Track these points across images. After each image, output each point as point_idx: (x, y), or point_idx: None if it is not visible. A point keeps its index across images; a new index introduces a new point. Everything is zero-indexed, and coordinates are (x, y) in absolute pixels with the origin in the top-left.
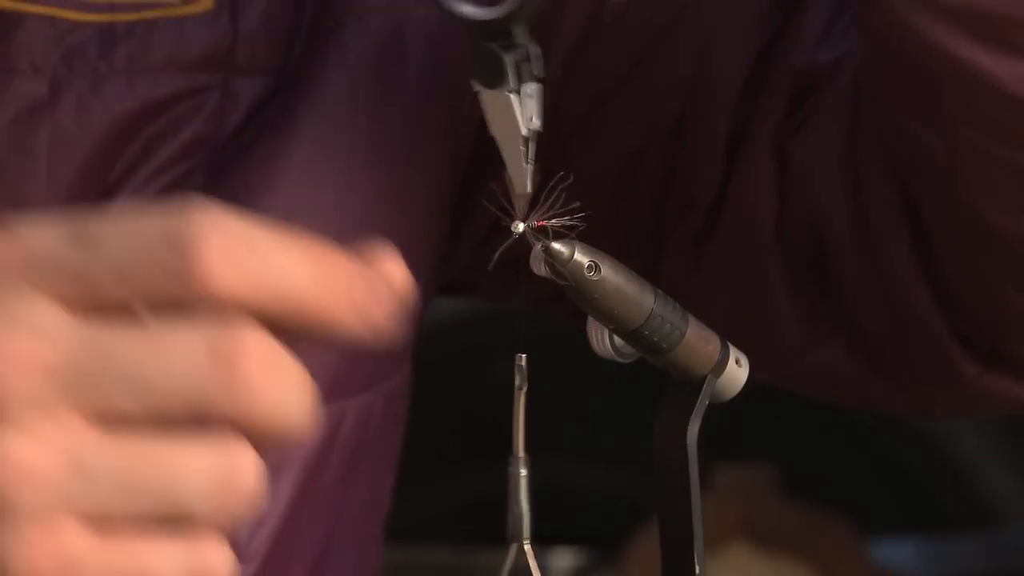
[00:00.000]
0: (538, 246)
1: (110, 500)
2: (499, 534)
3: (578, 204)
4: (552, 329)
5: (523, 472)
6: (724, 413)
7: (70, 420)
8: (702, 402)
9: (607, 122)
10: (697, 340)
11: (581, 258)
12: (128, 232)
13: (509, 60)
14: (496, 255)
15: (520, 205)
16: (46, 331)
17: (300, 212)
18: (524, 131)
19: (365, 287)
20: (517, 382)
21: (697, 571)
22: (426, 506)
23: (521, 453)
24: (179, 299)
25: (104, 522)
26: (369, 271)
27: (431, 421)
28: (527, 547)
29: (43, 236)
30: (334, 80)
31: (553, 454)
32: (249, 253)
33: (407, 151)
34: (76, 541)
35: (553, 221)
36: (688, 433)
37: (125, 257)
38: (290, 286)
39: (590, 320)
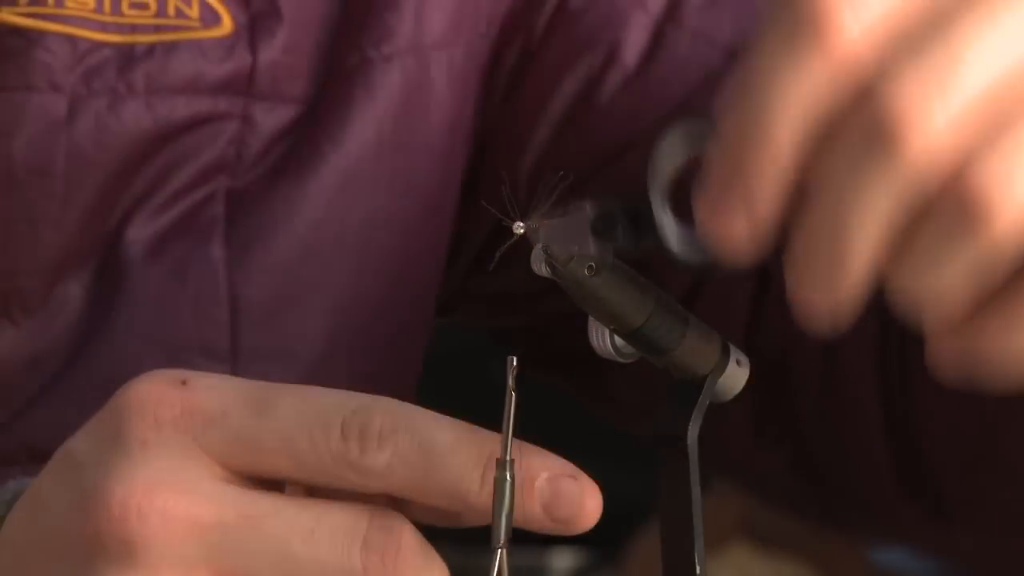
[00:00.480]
0: (538, 246)
1: None
2: None
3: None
4: None
5: (508, 478)
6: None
7: None
8: (702, 402)
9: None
10: (697, 340)
11: (581, 258)
12: (306, 408)
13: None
14: (497, 255)
15: None
16: (205, 491)
17: (322, 249)
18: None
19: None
20: (509, 383)
21: (697, 571)
22: None
23: (509, 457)
24: (341, 482)
25: None
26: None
27: None
28: (503, 553)
29: (222, 397)
30: (360, 119)
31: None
32: (412, 445)
33: (428, 190)
34: None
35: (552, 221)
36: (688, 433)
37: (298, 434)
38: (450, 481)
39: (590, 320)
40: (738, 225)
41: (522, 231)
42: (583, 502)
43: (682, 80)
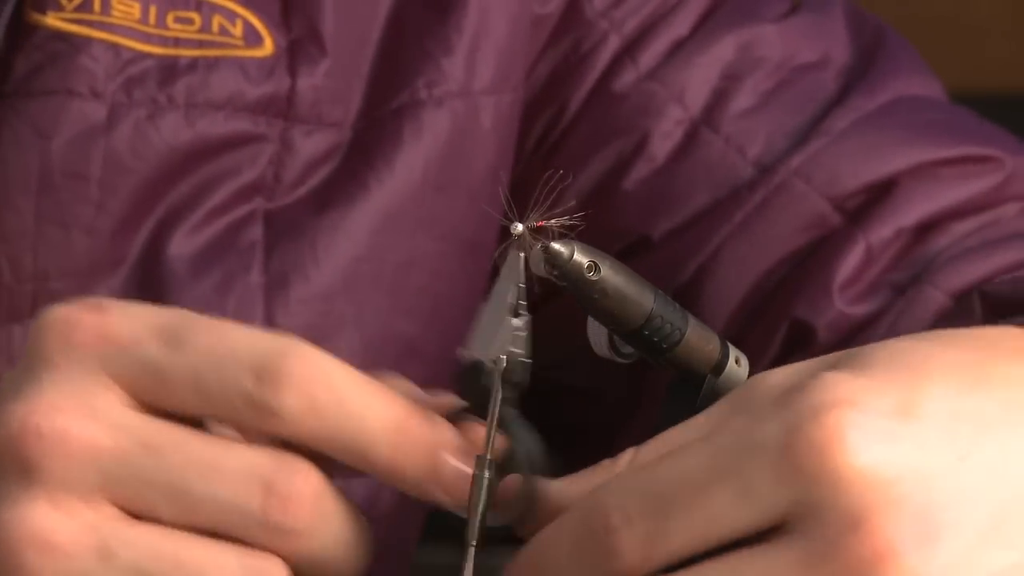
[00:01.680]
0: (538, 246)
1: None
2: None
3: (577, 204)
4: None
5: (486, 476)
6: None
7: (104, 507)
8: (702, 402)
9: None
10: (697, 340)
11: (581, 258)
12: (219, 345)
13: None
14: (496, 254)
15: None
16: (107, 417)
17: (359, 285)
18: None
19: (430, 449)
20: (495, 383)
21: None
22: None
23: (489, 456)
24: (248, 424)
25: None
26: (435, 431)
27: None
28: (471, 551)
29: (133, 324)
30: (407, 158)
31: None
32: (331, 403)
33: (467, 233)
34: None
35: (553, 221)
36: None
37: (209, 371)
38: (361, 441)
39: (590, 320)
40: None
41: (520, 231)
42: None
43: (708, 184)
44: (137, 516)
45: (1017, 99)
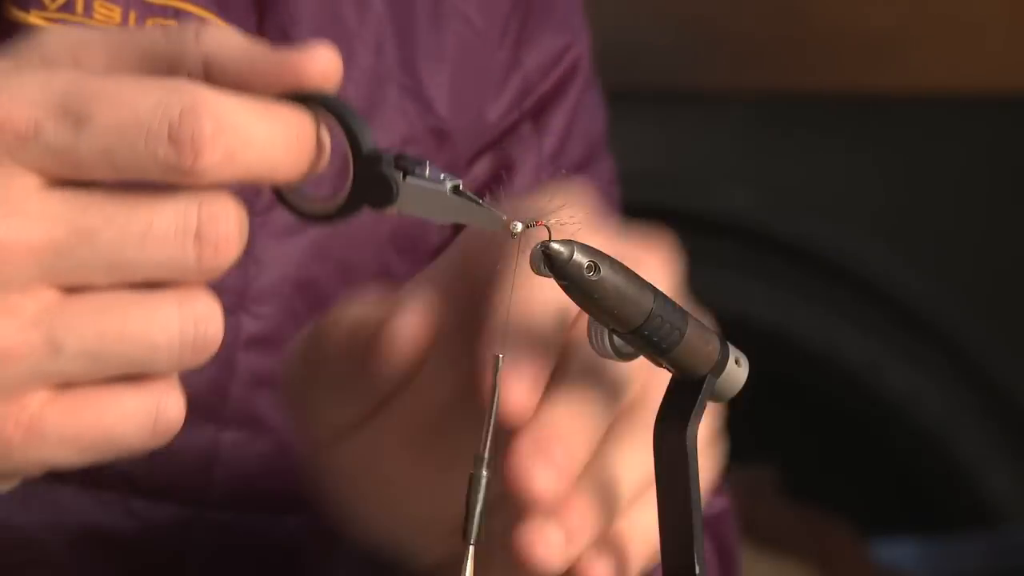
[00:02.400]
0: (538, 245)
1: (80, 370)
2: None
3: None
4: None
5: (484, 474)
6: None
7: (45, 294)
8: (702, 402)
9: None
10: (697, 340)
11: (580, 258)
12: (125, 116)
13: (387, 167)
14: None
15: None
16: (30, 211)
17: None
18: (448, 188)
19: (314, 144)
20: (494, 380)
21: (697, 571)
22: None
23: (486, 455)
24: (165, 182)
25: (70, 385)
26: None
27: None
28: (471, 550)
29: (30, 109)
30: None
31: None
32: (241, 147)
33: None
34: (42, 408)
35: (552, 221)
36: (688, 433)
37: (120, 145)
38: (269, 167)
39: (590, 320)
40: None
41: (519, 230)
42: None
43: None
44: (76, 290)
45: (1016, 98)
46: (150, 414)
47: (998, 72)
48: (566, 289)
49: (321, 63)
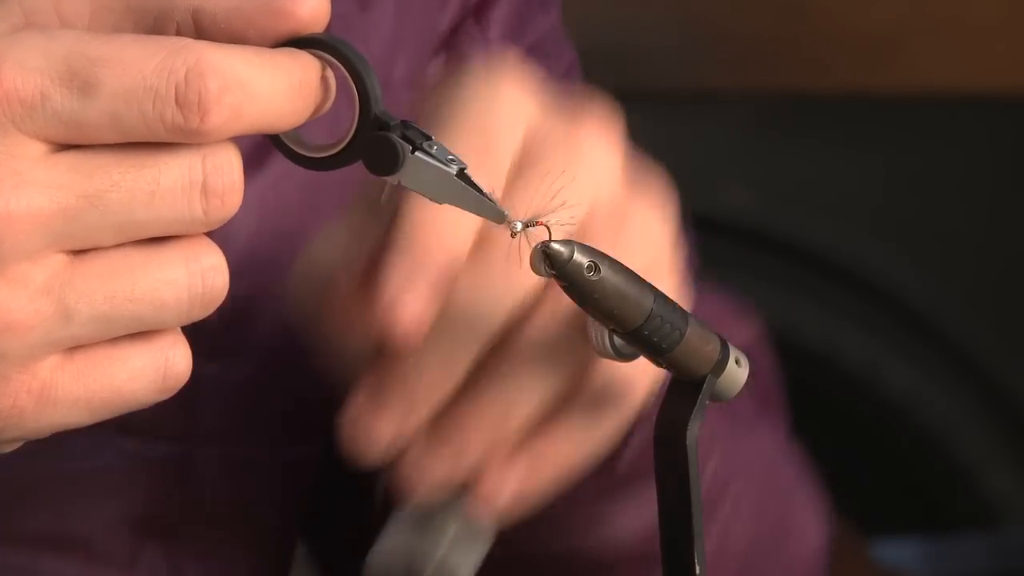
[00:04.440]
0: (538, 245)
1: (90, 334)
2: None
3: (577, 203)
4: None
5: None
6: None
7: (54, 259)
8: (702, 402)
9: None
10: (697, 340)
11: (580, 258)
12: (130, 81)
13: (396, 135)
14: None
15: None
16: (38, 181)
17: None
18: (454, 171)
19: (317, 85)
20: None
21: (697, 571)
22: None
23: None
24: (172, 141)
25: (79, 347)
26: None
27: None
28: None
29: (35, 77)
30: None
31: None
32: (247, 102)
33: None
34: (53, 373)
35: (553, 221)
36: (688, 433)
37: (126, 111)
38: (273, 118)
39: (590, 320)
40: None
41: (520, 229)
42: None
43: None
44: (84, 251)
45: (1017, 98)
46: (159, 369)
47: (999, 72)
48: (566, 289)
49: (309, 6)
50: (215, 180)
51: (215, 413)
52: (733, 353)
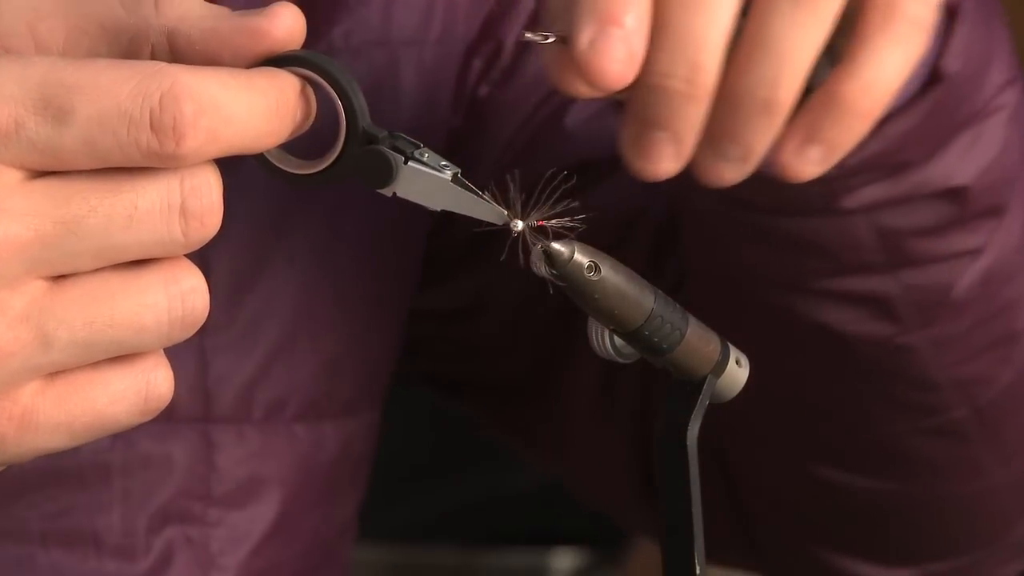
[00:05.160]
0: (538, 247)
1: (70, 359)
2: (499, 534)
3: (577, 204)
4: None
5: None
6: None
7: (33, 286)
8: (702, 402)
9: None
10: (697, 340)
11: (581, 258)
12: (105, 107)
13: (385, 147)
14: (503, 257)
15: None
16: (15, 209)
17: (292, 224)
18: (448, 176)
19: (296, 109)
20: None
21: (697, 571)
22: (426, 506)
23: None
24: (148, 165)
25: (61, 373)
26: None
27: (431, 421)
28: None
29: (9, 104)
30: None
31: None
32: (222, 125)
33: None
34: (34, 399)
35: (553, 221)
36: (688, 433)
37: (101, 137)
38: (250, 141)
39: (590, 320)
40: (616, 51)
41: (520, 229)
42: None
43: None
44: (63, 276)
45: None
46: (140, 392)
47: None
48: (566, 290)
49: (285, 25)
50: (194, 202)
51: (228, 391)
52: (733, 354)
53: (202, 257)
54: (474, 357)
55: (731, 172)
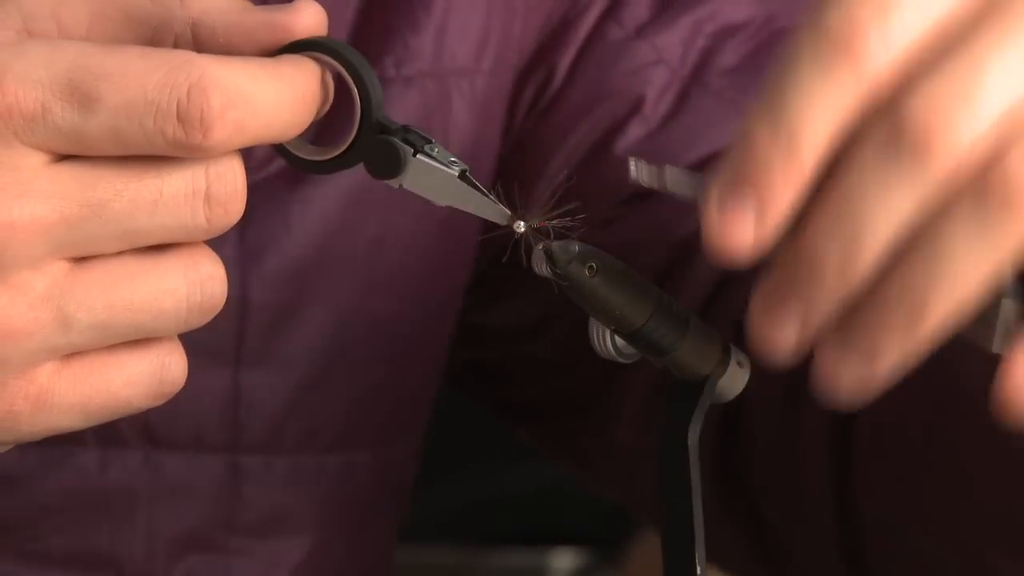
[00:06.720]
0: (539, 246)
1: (88, 341)
2: (499, 534)
3: (578, 204)
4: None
5: None
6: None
7: (55, 267)
8: (703, 403)
9: None
10: (699, 340)
11: (582, 258)
12: (132, 96)
13: (397, 139)
14: (506, 258)
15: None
16: (41, 191)
17: (332, 259)
18: (456, 172)
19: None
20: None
21: (697, 571)
22: (426, 506)
23: None
24: (174, 155)
25: (78, 354)
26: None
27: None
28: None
29: (36, 90)
30: None
31: None
32: (250, 116)
33: (445, 213)
34: (50, 379)
35: (554, 221)
36: (689, 434)
37: (128, 125)
38: (277, 132)
39: (591, 320)
40: (746, 225)
41: (522, 230)
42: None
43: (705, 140)
44: (85, 258)
45: None
46: (154, 375)
47: None
48: (567, 289)
49: (308, 20)
50: (218, 188)
51: (258, 422)
52: (735, 354)
53: (241, 295)
54: (544, 376)
55: (849, 375)
